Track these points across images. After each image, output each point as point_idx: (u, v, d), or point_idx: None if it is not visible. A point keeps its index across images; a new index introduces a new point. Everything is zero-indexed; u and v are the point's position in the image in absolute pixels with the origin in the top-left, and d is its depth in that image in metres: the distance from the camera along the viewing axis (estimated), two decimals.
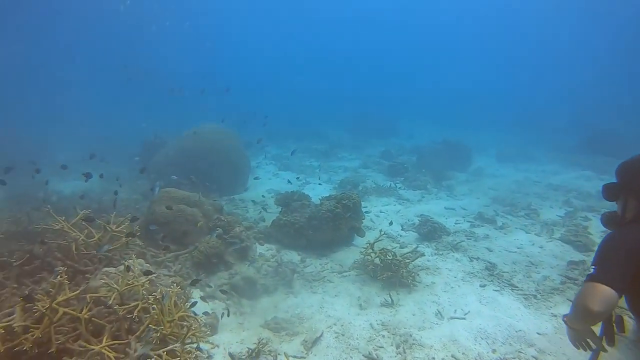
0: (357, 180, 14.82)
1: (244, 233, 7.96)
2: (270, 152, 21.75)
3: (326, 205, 8.83)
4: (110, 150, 20.03)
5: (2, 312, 4.53)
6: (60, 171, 16.36)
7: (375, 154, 20.93)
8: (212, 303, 6.78)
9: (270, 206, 11.93)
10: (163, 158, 13.23)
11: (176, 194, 8.04)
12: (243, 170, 13.97)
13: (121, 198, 11.00)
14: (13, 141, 17.98)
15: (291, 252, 8.68)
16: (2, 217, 8.49)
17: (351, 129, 28.44)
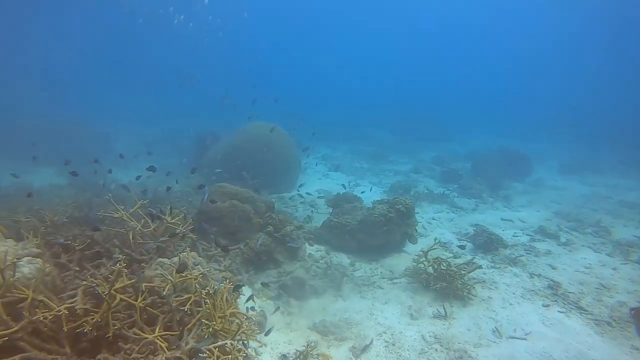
0: (408, 185, 14.45)
1: (294, 232, 7.89)
2: (320, 152, 21.75)
3: (379, 209, 8.60)
4: (165, 144, 20.91)
5: (67, 293, 4.68)
6: (119, 162, 17.21)
7: (427, 159, 20.39)
8: (260, 300, 6.75)
9: (320, 207, 11.86)
10: (216, 153, 13.49)
11: (229, 190, 8.11)
12: (293, 169, 13.99)
13: (174, 190, 11.30)
14: (80, 134, 19.05)
15: (341, 254, 8.53)
16: (67, 202, 8.93)
17: (401, 132, 27.93)
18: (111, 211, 6.47)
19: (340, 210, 9.26)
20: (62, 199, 9.33)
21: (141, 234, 6.29)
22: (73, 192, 11.29)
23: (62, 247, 5.89)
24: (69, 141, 17.61)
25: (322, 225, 9.10)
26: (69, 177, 13.66)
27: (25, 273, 4.59)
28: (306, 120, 24.90)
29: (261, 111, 14.73)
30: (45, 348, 3.95)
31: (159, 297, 4.88)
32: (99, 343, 4.24)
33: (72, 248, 5.82)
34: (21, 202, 9.24)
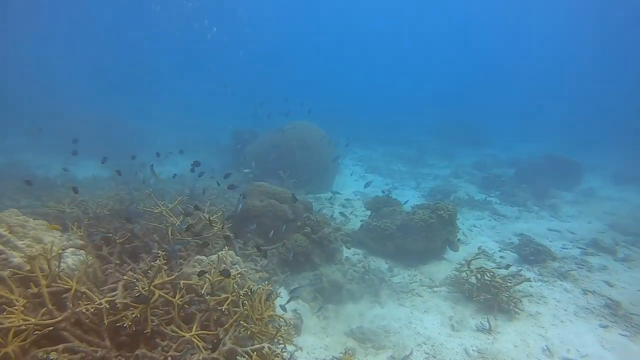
0: (448, 190, 13.99)
1: (332, 235, 7.72)
2: (356, 154, 21.51)
3: (420, 214, 8.31)
4: (202, 141, 21.25)
5: (107, 286, 4.70)
6: (156, 158, 17.60)
7: (467, 164, 19.72)
8: (296, 302, 6.63)
9: (357, 209, 11.66)
10: (254, 151, 13.53)
11: (267, 189, 8.04)
12: (330, 170, 13.85)
13: (212, 187, 11.38)
14: (122, 128, 19.68)
15: (379, 259, 8.30)
16: (109, 195, 9.13)
17: (440, 136, 27.21)
18: (151, 206, 6.53)
19: (379, 213, 9.02)
20: (104, 192, 9.53)
21: (180, 230, 6.30)
22: (114, 185, 11.56)
23: (104, 239, 5.97)
24: (112, 135, 18.18)
25: (360, 228, 8.90)
26: (110, 170, 14.11)
27: (69, 264, 4.65)
28: (342, 126, 24.77)
29: (296, 114, 14.70)
30: (86, 339, 3.96)
31: (196, 295, 4.84)
32: (137, 338, 4.22)
33: (113, 241, 5.89)
34: (67, 193, 9.54)
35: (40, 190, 10.51)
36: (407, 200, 12.64)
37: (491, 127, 29.13)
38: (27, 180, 7.44)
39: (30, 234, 4.68)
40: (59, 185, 11.42)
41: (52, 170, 13.67)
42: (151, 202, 6.62)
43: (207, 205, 7.06)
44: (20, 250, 4.42)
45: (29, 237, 4.65)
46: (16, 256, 4.29)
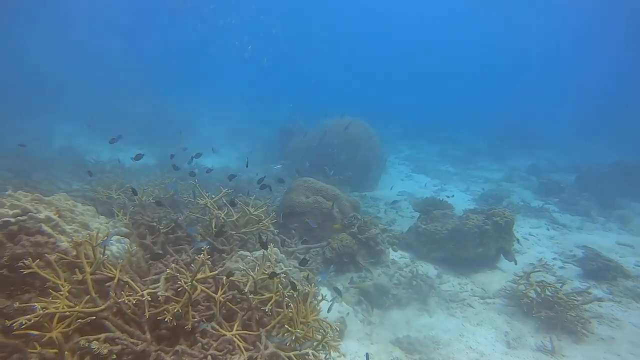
0: (500, 195, 13.20)
1: (379, 236, 7.36)
2: (402, 152, 20.90)
3: (473, 220, 7.77)
4: (246, 133, 21.38)
5: (150, 277, 4.59)
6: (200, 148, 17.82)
7: (521, 167, 18.61)
8: (340, 305, 6.34)
9: (403, 209, 11.21)
10: (301, 145, 13.34)
11: (314, 185, 7.77)
12: (377, 167, 13.43)
13: (253, 179, 11.25)
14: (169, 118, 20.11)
15: (427, 264, 7.85)
16: (154, 183, 9.18)
17: (491, 137, 25.92)
18: (197, 198, 6.42)
19: (429, 216, 8.54)
20: (149, 179, 9.61)
21: (224, 223, 6.14)
22: (160, 173, 11.69)
23: (148, 228, 5.91)
24: (160, 124, 18.59)
25: (409, 231, 8.46)
26: (156, 157, 14.37)
27: (113, 252, 4.56)
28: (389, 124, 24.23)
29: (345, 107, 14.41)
30: (127, 330, 3.86)
31: (239, 293, 4.64)
32: (177, 332, 4.09)
33: (157, 230, 5.81)
34: (114, 179, 9.70)
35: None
36: (453, 195, 12.10)
37: (546, 130, 27.54)
38: (89, 171, 7.64)
39: (77, 219, 4.63)
40: (108, 170, 11.69)
41: (102, 155, 14.08)
42: (196, 193, 6.52)
43: (253, 199, 6.89)
44: (68, 235, 4.37)
45: (76, 222, 4.60)
46: (64, 240, 4.24)
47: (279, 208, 7.75)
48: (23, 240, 4.05)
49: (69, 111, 20.45)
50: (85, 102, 20.79)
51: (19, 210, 4.27)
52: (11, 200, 4.33)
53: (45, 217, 4.29)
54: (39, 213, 4.30)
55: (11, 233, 4.11)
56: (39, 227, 4.20)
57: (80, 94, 22.24)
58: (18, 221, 4.17)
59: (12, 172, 10.18)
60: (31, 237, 4.12)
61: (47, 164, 11.76)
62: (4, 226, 4.12)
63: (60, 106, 20.87)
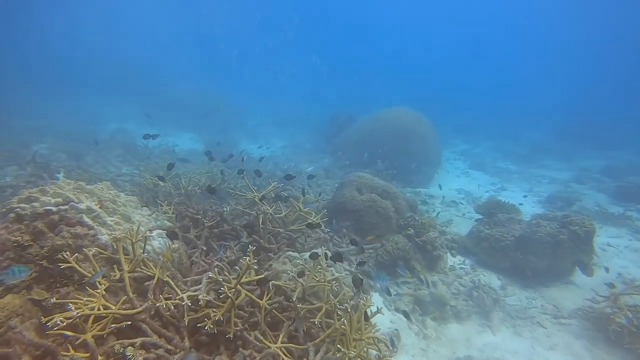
0: (570, 198, 11.98)
1: (438, 240, 6.70)
2: (458, 147, 19.80)
3: (546, 227, 6.92)
4: (294, 123, 21.05)
5: (191, 277, 4.25)
6: (248, 135, 17.70)
7: (592, 168, 16.95)
8: (392, 314, 5.80)
9: (461, 209, 10.42)
10: (351, 136, 12.76)
11: (369, 181, 7.20)
12: (432, 162, 12.60)
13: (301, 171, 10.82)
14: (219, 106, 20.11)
15: (489, 273, 7.10)
16: (200, 171, 8.96)
17: (555, 133, 24.06)
18: (244, 192, 6.03)
19: (492, 220, 7.75)
20: (196, 167, 9.39)
21: (271, 219, 5.74)
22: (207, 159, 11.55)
23: (192, 221, 5.61)
24: (211, 111, 18.61)
25: (469, 235, 7.72)
26: (204, 143, 14.29)
27: (155, 247, 4.26)
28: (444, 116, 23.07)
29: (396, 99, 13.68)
30: (164, 334, 3.54)
31: (285, 300, 4.22)
32: (217, 338, 3.74)
33: (201, 223, 5.50)
34: (163, 165, 9.60)
35: (139, 160, 10.79)
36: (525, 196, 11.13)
37: (619, 127, 25.04)
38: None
39: (119, 211, 4.36)
40: (156, 155, 11.68)
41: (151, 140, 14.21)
42: (243, 184, 6.15)
43: (303, 195, 6.43)
44: (109, 227, 4.10)
45: (118, 213, 4.33)
46: (104, 233, 3.97)
47: (329, 204, 7.26)
48: (63, 231, 3.82)
49: (124, 95, 20.98)
50: (141, 87, 21.23)
51: (61, 199, 4.04)
52: (54, 189, 4.11)
53: (87, 208, 4.03)
54: (81, 203, 4.06)
55: (52, 222, 3.90)
56: (80, 217, 3.96)
57: (137, 78, 22.77)
58: (59, 210, 3.95)
59: (66, 154, 10.34)
60: (72, 228, 3.88)
61: (99, 147, 11.94)
62: (45, 215, 3.91)
63: (115, 89, 21.46)
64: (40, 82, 21.52)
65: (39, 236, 3.77)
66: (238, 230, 5.68)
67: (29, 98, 18.48)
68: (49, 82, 21.57)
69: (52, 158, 10.21)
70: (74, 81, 21.21)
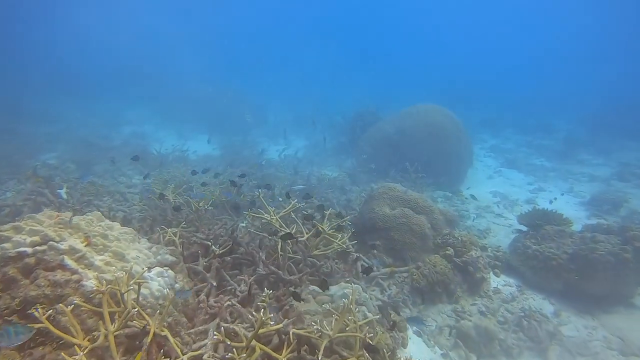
0: (616, 198, 10.88)
1: (481, 260, 5.87)
2: (487, 142, 18.69)
3: (605, 244, 6.00)
4: (318, 119, 20.22)
5: (196, 328, 3.56)
6: (268, 134, 17.00)
7: (632, 162, 15.68)
8: (432, 349, 5.01)
9: (498, 216, 9.52)
10: (376, 136, 11.90)
11: (401, 193, 6.40)
12: (465, 162, 11.66)
13: (324, 176, 10.08)
14: (239, 103, 19.46)
15: (540, 296, 6.22)
16: (215, 183, 8.28)
17: (589, 125, 22.55)
18: (259, 211, 5.30)
19: (539, 233, 6.84)
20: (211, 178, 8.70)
21: (292, 246, 5.00)
22: (224, 166, 10.91)
23: (201, 247, 4.93)
24: (229, 111, 18.00)
25: (514, 250, 6.83)
26: (222, 147, 13.67)
27: (153, 290, 3.56)
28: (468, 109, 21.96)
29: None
30: None
31: (308, 353, 3.50)
32: None
33: (212, 252, 4.80)
34: (174, 174, 8.99)
35: (152, 167, 10.22)
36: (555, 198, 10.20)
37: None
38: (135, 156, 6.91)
39: (111, 247, 3.68)
40: (171, 160, 11.09)
41: (167, 143, 13.69)
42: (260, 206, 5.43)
43: (328, 213, 5.64)
44: (98, 269, 3.43)
45: (109, 251, 3.65)
46: (91, 277, 3.30)
47: (357, 219, 6.49)
48: (40, 278, 3.17)
49: (139, 97, 20.58)
50: (156, 88, 20.77)
51: (38, 237, 3.38)
52: (31, 225, 3.45)
53: (69, 248, 3.37)
54: (62, 242, 3.39)
55: (27, 267, 3.25)
56: (61, 260, 3.29)
57: (151, 80, 22.33)
58: (36, 252, 3.29)
59: (75, 164, 9.83)
60: (50, 273, 3.22)
61: (112, 154, 11.42)
62: (18, 259, 3.26)
63: (130, 92, 21.07)
64: (54, 86, 21.29)
65: (10, 285, 3.13)
66: (254, 255, 4.97)
67: (42, 102, 18.20)
68: (64, 85, 21.30)
69: (60, 169, 9.72)
70: (90, 84, 20.87)
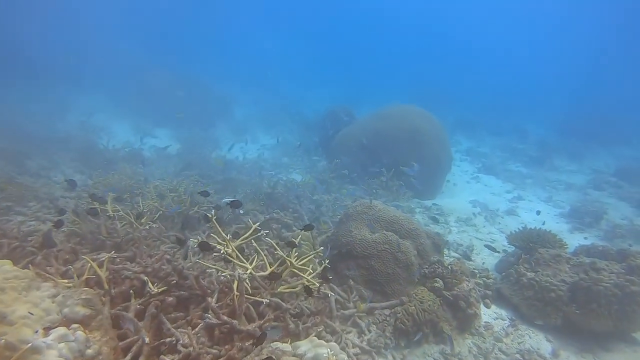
0: (595, 210, 10.41)
1: (474, 293, 5.07)
2: (462, 145, 18.19)
3: (606, 272, 5.34)
4: (284, 116, 19.25)
5: None
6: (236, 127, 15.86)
7: (604, 170, 15.50)
8: None
9: (481, 229, 8.84)
10: (349, 137, 10.99)
11: (383, 213, 5.47)
12: (443, 169, 10.92)
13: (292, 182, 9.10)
14: (203, 95, 18.14)
15: (535, 332, 5.48)
16: (170, 186, 7.15)
17: (561, 130, 22.50)
18: (214, 236, 4.27)
19: (533, 258, 6.13)
20: (163, 183, 7.54)
21: (253, 283, 4.01)
22: (181, 166, 9.74)
23: (135, 283, 3.87)
24: (192, 102, 16.67)
25: (505, 278, 6.07)
26: (181, 142, 12.45)
27: None
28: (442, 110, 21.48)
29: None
30: None
31: None
32: None
33: (147, 292, 3.75)
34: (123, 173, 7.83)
35: (97, 166, 8.96)
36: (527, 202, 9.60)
37: (625, 122, 23.45)
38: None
39: None
40: (120, 158, 9.80)
41: (118, 136, 12.35)
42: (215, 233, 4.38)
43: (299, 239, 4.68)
44: None
45: None
46: None
47: (330, 239, 5.55)
48: None
49: (92, 83, 18.88)
50: (110, 75, 19.11)
51: None
52: None
53: None
54: None
55: None
56: None
57: (107, 65, 20.58)
58: None
59: (4, 160, 8.42)
60: None
61: (52, 147, 10.01)
62: None
63: (83, 76, 19.33)
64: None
65: None
66: (205, 290, 3.96)
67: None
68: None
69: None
70: (32, 65, 18.83)
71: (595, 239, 9.04)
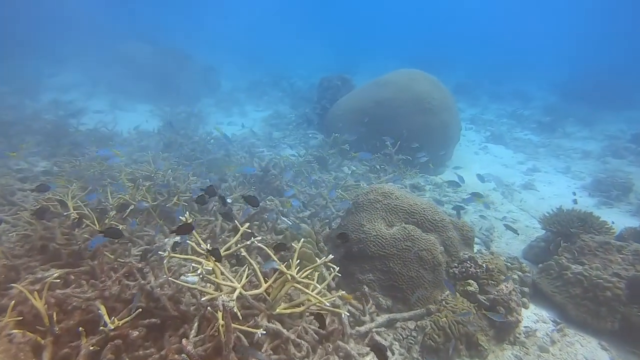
0: (626, 183, 9.39)
1: (514, 296, 4.16)
2: (464, 112, 17.05)
3: None
4: (274, 87, 18.03)
5: None
6: (222, 104, 14.68)
7: (619, 135, 14.45)
8: None
9: (499, 208, 7.91)
10: (347, 107, 9.87)
11: (399, 202, 4.45)
12: (452, 139, 9.89)
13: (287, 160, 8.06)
14: (186, 67, 16.77)
15: (585, 336, 4.60)
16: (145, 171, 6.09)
17: (567, 94, 21.28)
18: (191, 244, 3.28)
19: (573, 245, 5.20)
20: (138, 167, 6.51)
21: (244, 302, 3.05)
22: (161, 146, 8.72)
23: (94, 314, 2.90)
24: (174, 75, 15.36)
25: (543, 273, 5.14)
26: (162, 119, 11.34)
27: None
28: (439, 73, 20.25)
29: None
30: None
31: None
32: None
33: (99, 324, 2.78)
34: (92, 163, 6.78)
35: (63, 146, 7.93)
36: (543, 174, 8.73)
37: (632, 84, 22.32)
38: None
39: None
40: (93, 141, 8.64)
41: (90, 114, 11.27)
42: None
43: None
44: None
45: None
46: None
47: (334, 234, 4.58)
48: None
49: (67, 56, 17.42)
50: (86, 51, 17.62)
51: None
52: None
53: None
54: None
55: None
56: None
57: (80, 40, 19.03)
58: None
59: None
60: None
61: (15, 128, 8.87)
62: None
63: (57, 48, 17.84)
64: None
65: None
66: (186, 316, 3.02)
67: None
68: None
69: None
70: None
71: (627, 215, 8.16)
